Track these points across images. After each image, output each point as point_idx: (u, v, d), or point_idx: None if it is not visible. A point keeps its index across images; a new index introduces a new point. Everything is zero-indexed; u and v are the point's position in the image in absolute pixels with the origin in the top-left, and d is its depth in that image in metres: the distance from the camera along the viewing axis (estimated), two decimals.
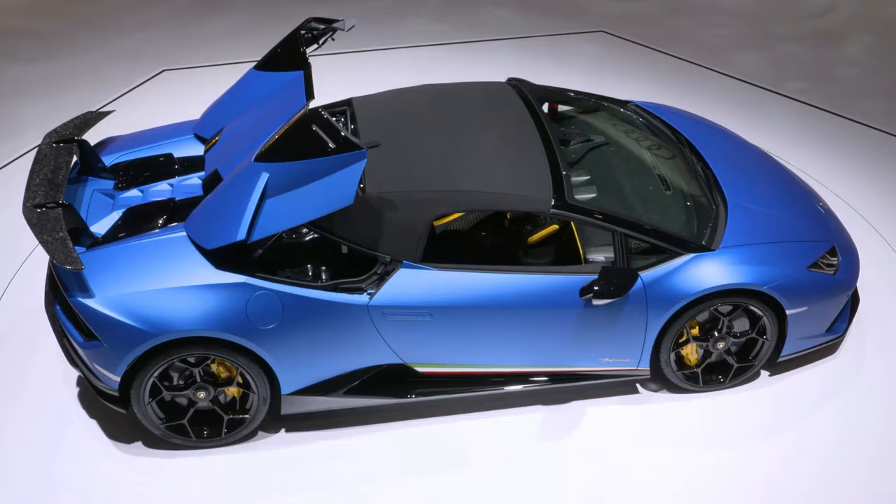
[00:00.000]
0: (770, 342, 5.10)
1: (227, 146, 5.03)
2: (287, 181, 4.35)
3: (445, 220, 5.32)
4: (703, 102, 8.15)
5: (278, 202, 4.36)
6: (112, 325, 4.38)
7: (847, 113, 8.17)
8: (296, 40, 5.27)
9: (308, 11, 10.03)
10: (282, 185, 4.35)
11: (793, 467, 4.82)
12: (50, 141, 5.01)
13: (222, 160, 4.91)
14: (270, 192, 4.36)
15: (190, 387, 4.67)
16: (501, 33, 9.69)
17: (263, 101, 5.10)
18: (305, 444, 4.90)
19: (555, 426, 5.03)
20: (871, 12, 10.16)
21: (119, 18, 9.91)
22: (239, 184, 4.43)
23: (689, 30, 9.86)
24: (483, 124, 5.16)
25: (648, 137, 5.75)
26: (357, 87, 6.26)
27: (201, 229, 4.51)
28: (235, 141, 4.98)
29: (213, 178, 4.81)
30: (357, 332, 4.63)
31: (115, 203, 5.00)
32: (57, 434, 4.93)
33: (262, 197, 4.35)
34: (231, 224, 4.36)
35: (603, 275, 4.62)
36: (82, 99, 8.07)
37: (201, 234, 4.49)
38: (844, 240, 5.43)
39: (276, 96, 5.03)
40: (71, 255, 4.24)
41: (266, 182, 4.35)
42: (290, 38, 5.33)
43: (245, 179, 4.41)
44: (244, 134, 4.95)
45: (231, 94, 5.48)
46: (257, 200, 4.34)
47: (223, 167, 4.82)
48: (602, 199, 5.08)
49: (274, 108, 4.87)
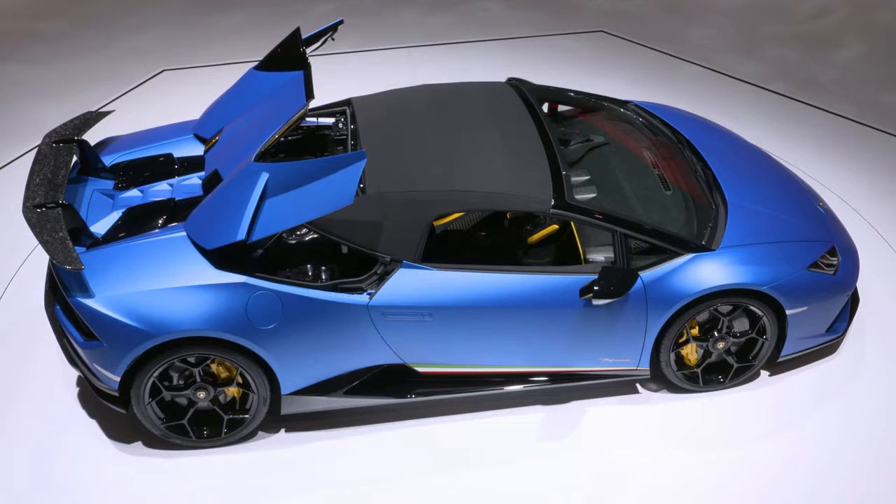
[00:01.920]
0: (770, 342, 5.10)
1: (227, 146, 5.03)
2: (287, 181, 4.35)
3: (445, 220, 5.32)
4: (703, 102, 8.15)
5: (278, 202, 4.36)
6: (112, 325, 4.39)
7: (847, 113, 8.17)
8: (296, 40, 5.27)
9: (308, 11, 10.09)
10: (282, 185, 4.35)
11: (793, 467, 4.82)
12: (50, 141, 5.01)
13: (222, 160, 4.91)
14: (270, 192, 4.36)
15: (190, 387, 4.67)
16: (501, 33, 9.69)
17: (263, 101, 5.10)
18: (305, 444, 4.90)
19: (555, 426, 5.03)
20: (866, 16, 10.17)
21: (119, 18, 9.91)
22: (239, 184, 4.43)
23: (689, 30, 9.85)
24: (483, 124, 5.16)
25: (648, 137, 5.75)
26: (357, 87, 6.25)
27: (201, 229, 4.51)
28: (235, 141, 4.98)
29: (213, 178, 4.82)
30: (357, 332, 4.63)
31: (114, 203, 5.00)
32: (57, 434, 4.93)
33: (262, 197, 4.35)
34: (231, 224, 4.36)
35: (603, 275, 4.62)
36: (82, 99, 8.08)
37: (201, 234, 4.50)
38: (844, 240, 5.43)
39: (275, 96, 5.03)
40: (71, 255, 4.24)
41: (266, 182, 4.35)
42: (291, 38, 5.33)
43: (245, 179, 4.41)
44: (244, 134, 4.95)
45: (231, 94, 5.48)
46: (257, 200, 4.34)
47: (223, 167, 4.82)
48: (602, 199, 5.09)
49: (274, 108, 4.87)
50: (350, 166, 4.28)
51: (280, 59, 5.29)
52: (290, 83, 4.98)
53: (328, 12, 10.11)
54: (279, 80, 5.14)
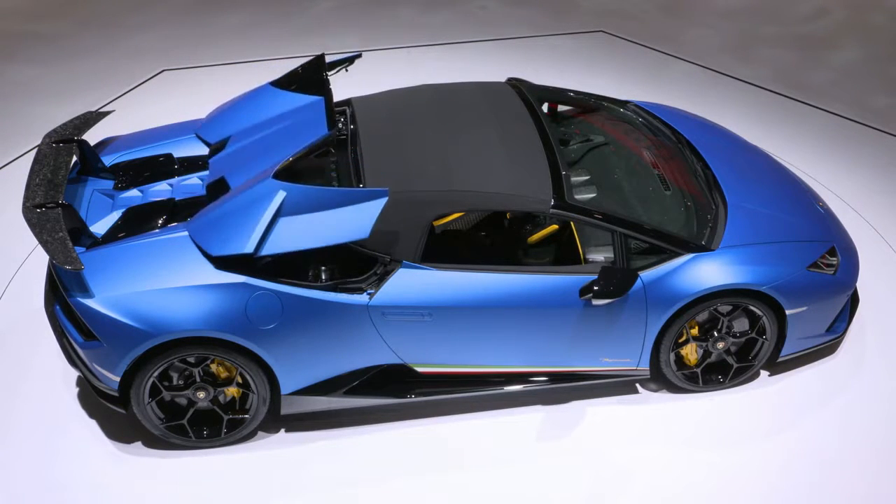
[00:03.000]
0: (770, 342, 5.10)
1: (237, 156, 5.04)
2: (305, 204, 4.42)
3: (445, 220, 5.32)
4: (703, 102, 8.14)
5: (292, 223, 4.42)
6: (112, 325, 4.39)
7: (846, 113, 8.17)
8: (320, 66, 5.32)
9: (308, 10, 10.08)
10: (298, 207, 4.42)
11: (793, 467, 4.82)
12: (50, 141, 5.01)
13: (230, 168, 4.93)
14: (285, 211, 4.43)
15: (189, 387, 4.67)
16: (501, 33, 9.69)
17: (280, 119, 5.13)
18: (305, 444, 4.90)
19: (554, 426, 5.03)
20: (861, 17, 10.17)
21: (119, 18, 9.91)
22: (253, 197, 4.47)
23: (689, 30, 9.85)
24: (483, 124, 5.16)
25: (648, 137, 5.75)
26: (357, 87, 6.25)
27: (207, 235, 4.51)
28: (247, 152, 5.01)
29: (219, 185, 4.83)
30: (357, 332, 4.63)
31: (114, 203, 5.00)
32: (57, 434, 4.93)
33: (277, 214, 4.41)
34: (240, 235, 4.40)
35: (603, 275, 4.62)
36: (82, 99, 8.08)
37: (207, 239, 4.50)
38: (844, 240, 5.43)
39: (294, 117, 5.07)
40: (70, 255, 4.25)
41: (283, 200, 4.41)
42: (315, 62, 5.41)
43: (261, 194, 4.45)
44: (257, 147, 4.98)
45: (242, 103, 5.49)
46: (271, 217, 4.39)
47: (231, 175, 4.84)
48: (602, 199, 5.09)
49: (292, 129, 4.93)
50: (370, 201, 4.39)
51: (300, 80, 5.34)
52: (310, 108, 5.05)
53: (328, 12, 10.11)
54: (298, 102, 5.18)
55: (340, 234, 4.41)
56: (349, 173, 4.88)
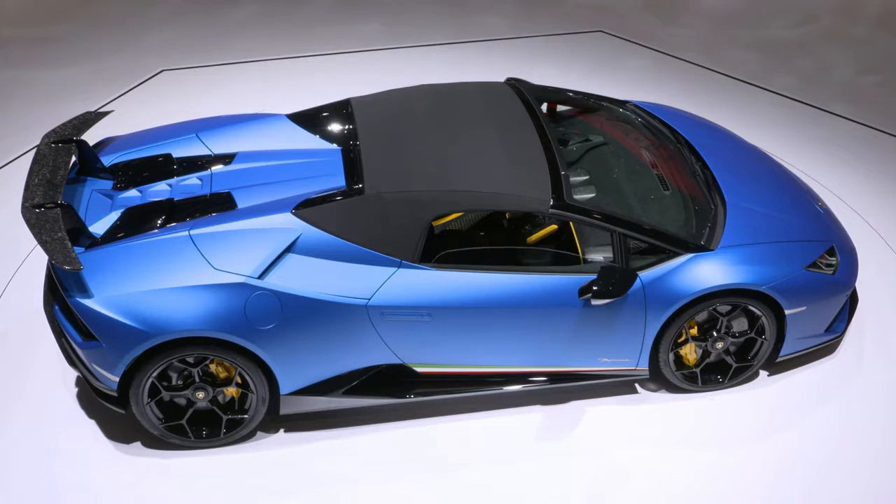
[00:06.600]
0: (769, 342, 5.10)
1: (246, 176, 5.06)
2: (317, 248, 4.51)
3: (444, 220, 5.32)
4: (702, 102, 8.15)
5: (302, 263, 4.50)
6: (111, 326, 4.39)
7: (846, 113, 8.17)
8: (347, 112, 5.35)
9: (307, 11, 10.09)
10: (311, 250, 4.51)
11: (793, 467, 4.82)
12: (49, 141, 5.01)
13: (237, 186, 4.96)
14: (298, 250, 4.50)
15: (189, 387, 4.67)
16: (500, 33, 9.70)
17: (294, 155, 5.19)
18: (304, 444, 4.90)
19: (554, 426, 5.03)
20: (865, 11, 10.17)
21: (119, 19, 9.92)
22: (269, 227, 4.52)
23: (688, 30, 9.86)
24: (482, 124, 5.16)
25: (647, 137, 5.75)
26: (356, 87, 6.26)
27: (213, 248, 4.51)
28: (256, 176, 5.04)
29: (224, 198, 4.86)
30: (356, 332, 4.63)
31: (113, 203, 5.00)
32: (56, 434, 4.93)
33: (288, 250, 4.49)
34: (247, 259, 4.46)
35: (602, 275, 4.63)
36: (82, 99, 8.08)
37: (212, 251, 4.50)
38: (843, 239, 5.43)
39: (310, 156, 5.15)
40: (69, 256, 4.24)
41: (297, 238, 4.50)
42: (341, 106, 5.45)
43: (278, 226, 4.52)
44: (268, 175, 5.02)
45: (251, 124, 5.51)
46: (281, 250, 4.47)
47: (238, 193, 4.87)
48: (601, 199, 5.09)
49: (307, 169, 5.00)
50: (381, 267, 4.55)
51: (319, 124, 5.41)
52: (327, 155, 5.12)
53: (327, 11, 10.12)
54: (314, 144, 5.27)
55: (342, 290, 4.51)
56: (349, 173, 4.88)
